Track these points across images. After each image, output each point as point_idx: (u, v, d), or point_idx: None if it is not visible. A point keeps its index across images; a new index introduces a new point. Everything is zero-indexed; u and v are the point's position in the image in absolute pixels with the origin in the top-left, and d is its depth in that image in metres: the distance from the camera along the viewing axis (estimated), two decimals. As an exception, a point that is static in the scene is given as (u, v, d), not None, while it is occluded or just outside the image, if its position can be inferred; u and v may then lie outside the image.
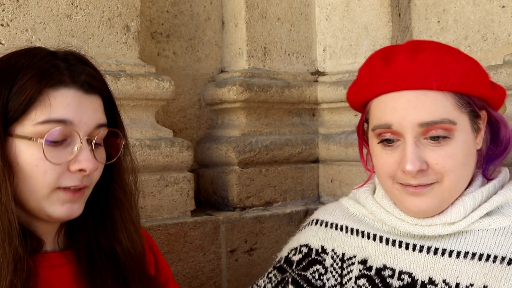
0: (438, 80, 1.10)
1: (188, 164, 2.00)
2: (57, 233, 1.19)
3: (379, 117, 1.18)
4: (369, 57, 1.25)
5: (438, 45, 1.19)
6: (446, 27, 2.21)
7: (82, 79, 1.11)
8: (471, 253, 1.15)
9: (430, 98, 1.11)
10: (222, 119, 2.33)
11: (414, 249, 1.21)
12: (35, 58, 1.10)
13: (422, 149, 1.13)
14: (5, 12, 1.67)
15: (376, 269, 1.25)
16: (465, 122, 1.15)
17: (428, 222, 1.18)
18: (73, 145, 1.09)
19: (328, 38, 2.48)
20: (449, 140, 1.13)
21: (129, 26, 1.90)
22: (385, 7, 2.28)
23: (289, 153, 2.30)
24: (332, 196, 2.36)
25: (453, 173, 1.14)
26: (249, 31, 2.30)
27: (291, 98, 2.34)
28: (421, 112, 1.12)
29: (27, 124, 1.06)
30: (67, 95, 1.08)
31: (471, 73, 1.14)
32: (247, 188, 2.18)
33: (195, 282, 1.99)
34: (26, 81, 1.06)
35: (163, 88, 1.92)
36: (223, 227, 2.05)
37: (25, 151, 1.06)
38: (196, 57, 2.31)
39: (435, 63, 1.12)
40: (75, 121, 1.08)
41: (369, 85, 1.20)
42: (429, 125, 1.12)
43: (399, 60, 1.14)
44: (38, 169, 1.06)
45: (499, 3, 2.06)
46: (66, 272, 1.16)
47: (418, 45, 1.18)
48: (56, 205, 1.09)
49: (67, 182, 1.08)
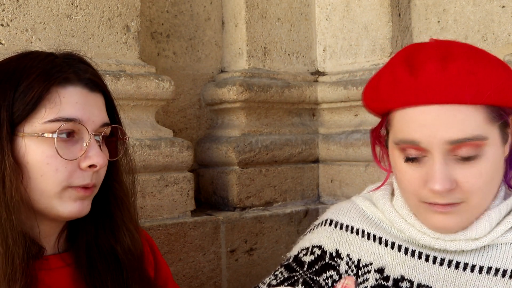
0: (472, 94, 1.02)
1: (188, 164, 2.00)
2: (58, 236, 1.19)
3: (405, 132, 1.09)
4: (390, 61, 1.16)
5: (470, 51, 1.08)
6: (446, 27, 2.21)
7: (86, 77, 1.13)
8: (494, 268, 1.09)
9: (462, 114, 1.03)
10: (222, 119, 2.33)
11: (434, 261, 1.15)
12: (37, 59, 1.11)
13: (451, 167, 1.05)
14: (5, 12, 1.67)
15: (394, 280, 1.18)
16: (495, 135, 1.07)
17: (451, 237, 1.12)
18: (81, 142, 1.10)
19: (328, 38, 2.48)
20: (479, 157, 1.05)
21: (129, 26, 1.90)
22: (385, 7, 2.28)
23: (289, 153, 2.30)
24: (332, 196, 2.35)
25: (481, 191, 1.07)
26: (249, 31, 2.30)
27: (291, 98, 2.34)
28: (452, 129, 1.03)
29: (36, 122, 1.06)
30: (74, 93, 1.10)
31: (506, 83, 1.05)
32: (247, 188, 2.18)
33: (195, 282, 1.99)
34: (32, 80, 1.07)
35: (163, 88, 1.92)
36: (223, 227, 2.05)
37: (35, 149, 1.06)
38: (196, 57, 2.31)
39: (469, 74, 1.02)
40: (84, 118, 1.09)
41: (393, 95, 1.10)
42: (460, 142, 1.03)
43: (429, 70, 1.04)
44: (49, 167, 1.07)
45: (499, 3, 2.06)
46: (65, 274, 1.16)
47: (448, 51, 1.07)
48: (68, 203, 1.09)
49: (78, 180, 1.09)
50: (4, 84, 1.07)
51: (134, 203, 1.27)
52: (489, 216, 1.11)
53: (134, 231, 1.23)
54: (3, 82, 1.08)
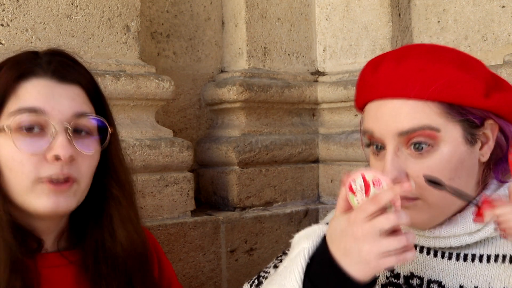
0: (416, 89, 1.07)
1: (188, 164, 2.00)
2: (59, 235, 1.19)
3: (365, 123, 1.16)
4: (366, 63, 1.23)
5: (428, 51, 1.13)
6: (446, 27, 2.21)
7: (52, 68, 1.11)
8: (502, 255, 1.10)
9: (409, 107, 1.07)
10: (222, 119, 2.33)
11: (443, 256, 1.16)
12: (17, 56, 1.13)
13: (403, 160, 1.08)
14: (5, 12, 1.67)
15: (404, 277, 1.19)
16: (454, 132, 1.08)
17: (450, 232, 1.13)
18: (49, 134, 1.08)
19: (328, 38, 2.48)
20: (432, 151, 1.07)
21: (129, 26, 1.90)
22: (385, 7, 2.28)
23: (289, 153, 2.30)
24: (332, 196, 2.36)
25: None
26: (249, 31, 2.30)
27: (291, 98, 2.34)
28: (400, 121, 1.08)
29: (3, 117, 1.07)
30: (37, 85, 1.09)
31: (455, 81, 1.07)
32: (247, 188, 2.18)
33: (195, 282, 1.99)
34: (1, 75, 1.09)
35: (163, 88, 1.92)
36: (223, 227, 2.05)
37: (3, 144, 1.07)
38: (196, 57, 2.31)
39: (417, 71, 1.08)
40: (47, 109, 1.07)
41: (360, 91, 1.19)
42: (408, 133, 1.07)
43: (384, 68, 1.12)
44: (14, 161, 1.06)
45: (499, 3, 2.06)
46: (67, 273, 1.16)
47: (407, 51, 1.14)
48: (41, 198, 1.07)
49: (46, 171, 1.06)
50: None
51: (134, 203, 1.26)
52: None
53: (133, 231, 1.22)
54: None
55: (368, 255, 0.95)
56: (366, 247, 0.95)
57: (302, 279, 1.01)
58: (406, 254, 0.96)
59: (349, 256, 0.97)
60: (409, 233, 0.97)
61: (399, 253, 0.96)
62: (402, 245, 0.95)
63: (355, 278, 0.97)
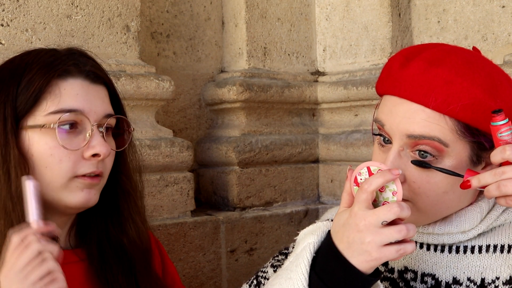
0: (438, 101, 1.05)
1: (188, 164, 2.00)
2: (69, 231, 1.21)
3: (379, 112, 1.16)
4: (399, 51, 1.21)
5: (463, 63, 1.08)
6: (446, 27, 2.21)
7: (87, 69, 1.15)
8: (493, 245, 1.12)
9: (426, 114, 1.07)
10: (222, 119, 2.33)
11: (435, 249, 1.18)
12: (38, 55, 1.15)
13: (404, 161, 1.08)
14: (5, 12, 1.67)
15: (398, 271, 1.20)
16: (461, 151, 1.08)
17: (444, 230, 1.14)
18: (84, 132, 1.12)
19: (328, 38, 2.48)
20: (435, 163, 1.07)
21: (129, 26, 1.90)
22: (385, 7, 2.28)
23: (289, 153, 2.30)
24: (332, 196, 2.36)
25: (428, 198, 1.08)
26: (249, 31, 2.30)
27: (291, 98, 2.34)
28: (412, 124, 1.07)
29: (38, 115, 1.10)
30: (75, 85, 1.12)
31: (478, 105, 1.05)
32: (247, 188, 2.19)
33: (195, 282, 1.99)
34: (33, 74, 1.10)
35: (163, 88, 1.92)
36: (223, 227, 2.06)
37: (39, 141, 1.09)
38: (196, 57, 2.31)
39: (444, 83, 1.05)
40: (85, 109, 1.11)
41: (383, 79, 1.17)
42: (417, 138, 1.07)
43: (413, 67, 1.09)
44: (53, 158, 1.09)
45: (499, 3, 2.06)
46: (78, 270, 1.18)
47: (443, 57, 1.09)
48: (75, 192, 1.11)
49: (83, 169, 1.11)
50: (8, 81, 1.11)
51: (141, 197, 1.30)
52: (479, 207, 1.14)
53: (141, 224, 1.26)
54: (7, 79, 1.12)
55: (370, 245, 0.97)
56: (368, 237, 0.97)
57: (308, 271, 1.02)
58: (406, 246, 0.98)
59: (352, 247, 0.99)
60: (410, 224, 0.98)
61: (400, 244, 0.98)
62: (403, 235, 0.97)
63: (359, 270, 0.98)
